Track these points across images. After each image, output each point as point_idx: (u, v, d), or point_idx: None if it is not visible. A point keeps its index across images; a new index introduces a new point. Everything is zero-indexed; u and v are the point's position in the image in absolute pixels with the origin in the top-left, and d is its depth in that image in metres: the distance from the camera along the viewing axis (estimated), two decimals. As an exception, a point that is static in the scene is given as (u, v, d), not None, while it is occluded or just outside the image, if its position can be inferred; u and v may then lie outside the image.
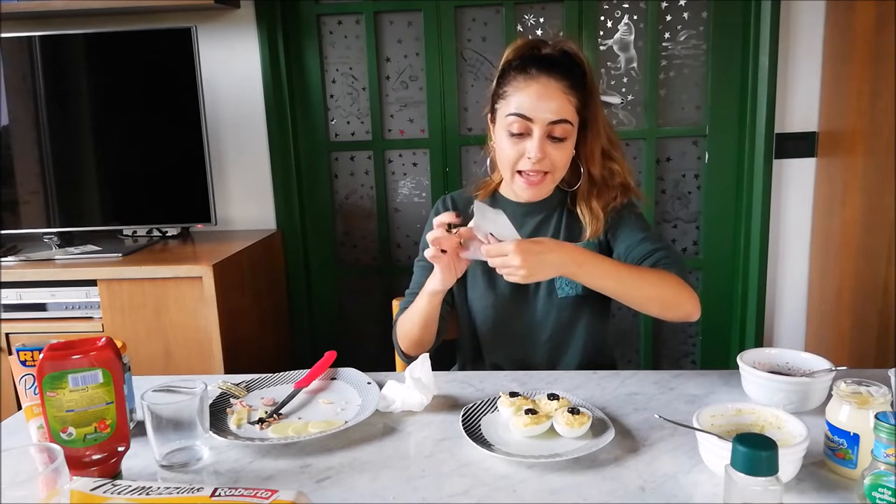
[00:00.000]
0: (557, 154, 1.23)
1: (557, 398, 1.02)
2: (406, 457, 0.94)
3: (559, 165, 1.24)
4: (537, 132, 1.20)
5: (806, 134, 2.20)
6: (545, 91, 1.20)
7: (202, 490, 0.73)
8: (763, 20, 2.14)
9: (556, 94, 1.20)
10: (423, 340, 1.31)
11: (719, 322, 2.41)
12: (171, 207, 2.17)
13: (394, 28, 2.34)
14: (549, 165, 1.23)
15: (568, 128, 1.22)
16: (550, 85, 1.20)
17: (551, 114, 1.20)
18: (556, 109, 1.20)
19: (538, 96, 1.20)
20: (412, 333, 1.30)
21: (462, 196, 1.42)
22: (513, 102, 1.22)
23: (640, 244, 1.26)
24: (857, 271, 1.93)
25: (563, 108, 1.20)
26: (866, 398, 0.85)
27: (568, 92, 1.21)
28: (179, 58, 2.04)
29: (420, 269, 1.40)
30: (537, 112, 1.20)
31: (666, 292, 1.17)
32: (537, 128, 1.20)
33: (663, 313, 1.19)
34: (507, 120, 1.22)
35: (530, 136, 1.21)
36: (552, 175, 1.25)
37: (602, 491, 0.84)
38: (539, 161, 1.21)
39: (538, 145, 1.20)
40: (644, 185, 2.33)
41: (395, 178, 2.45)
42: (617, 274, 1.15)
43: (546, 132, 1.21)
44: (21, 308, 1.96)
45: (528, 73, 1.22)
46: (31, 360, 0.96)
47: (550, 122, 1.20)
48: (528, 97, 1.21)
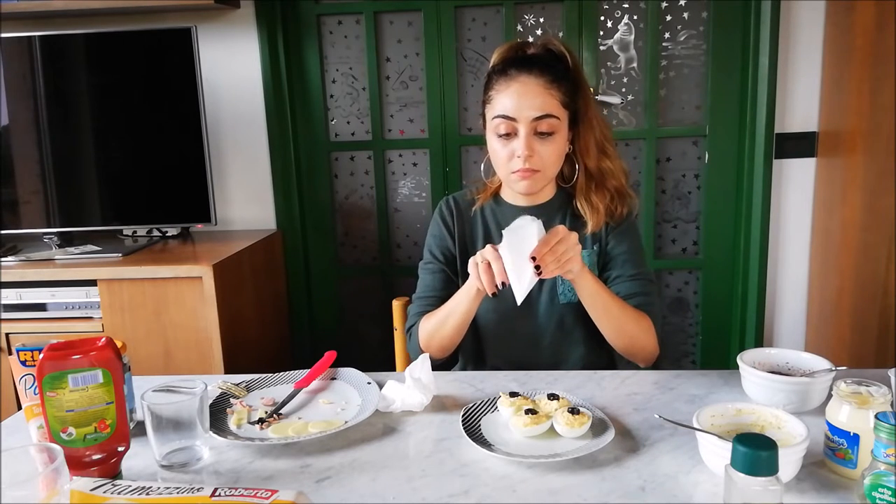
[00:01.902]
0: (546, 149, 1.24)
1: (557, 398, 1.02)
2: (406, 457, 0.94)
3: (549, 161, 1.25)
4: (522, 130, 1.22)
5: (806, 134, 2.20)
6: (524, 89, 1.22)
7: (202, 490, 0.73)
8: (763, 20, 2.14)
9: (537, 91, 1.22)
10: (456, 342, 1.30)
11: (719, 322, 2.41)
12: (171, 207, 2.17)
13: (394, 28, 2.34)
14: (538, 163, 1.24)
15: (554, 122, 1.23)
16: (530, 82, 1.22)
17: (533, 110, 1.21)
18: (538, 106, 1.22)
19: (518, 95, 1.22)
20: (450, 338, 1.27)
21: (463, 197, 1.42)
22: (497, 105, 1.24)
23: (630, 280, 1.30)
24: (856, 271, 1.93)
25: (545, 103, 1.22)
26: (866, 398, 0.85)
27: (549, 87, 1.22)
28: (179, 58, 2.04)
29: (427, 272, 1.40)
30: (520, 111, 1.22)
31: (638, 333, 1.23)
32: (522, 126, 1.22)
33: (626, 349, 1.25)
34: (494, 123, 1.25)
35: (517, 136, 1.23)
36: (543, 172, 1.26)
37: (602, 491, 0.84)
38: (528, 158, 1.23)
39: (524, 143, 1.22)
40: (644, 185, 2.33)
41: (395, 178, 2.45)
42: (607, 293, 1.20)
43: (531, 129, 1.22)
44: (21, 308, 1.96)
45: (507, 74, 1.24)
46: (31, 360, 0.96)
47: (534, 119, 1.22)
48: (509, 98, 1.23)
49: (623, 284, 1.29)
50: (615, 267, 1.32)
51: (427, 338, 1.30)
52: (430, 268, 1.39)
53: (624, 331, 1.22)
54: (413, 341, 1.34)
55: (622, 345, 1.24)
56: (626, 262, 1.31)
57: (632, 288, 1.28)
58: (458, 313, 1.24)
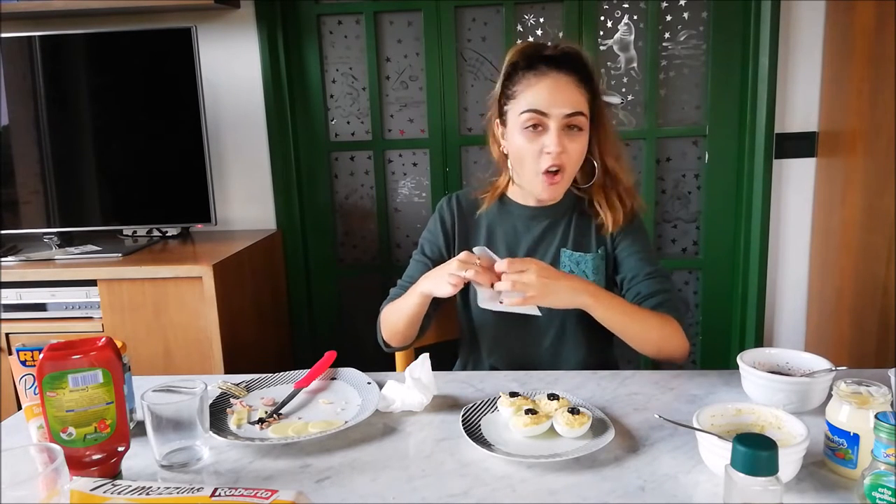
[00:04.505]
0: (574, 146, 1.23)
1: (557, 398, 1.02)
2: (406, 457, 0.94)
3: (575, 159, 1.25)
4: (553, 126, 1.21)
5: (806, 134, 2.20)
6: (557, 85, 1.21)
7: (202, 490, 0.73)
8: (763, 20, 2.14)
9: (569, 88, 1.22)
10: (407, 336, 1.32)
11: (719, 322, 2.41)
12: (171, 207, 2.17)
13: (394, 28, 2.34)
14: (566, 159, 1.23)
15: (583, 120, 1.23)
16: (561, 79, 1.22)
17: (567, 107, 1.21)
18: (571, 102, 1.21)
19: (550, 91, 1.21)
20: (396, 327, 1.30)
21: (467, 196, 1.42)
22: (524, 100, 1.23)
23: (646, 279, 1.28)
24: (856, 271, 1.93)
25: (577, 100, 1.22)
26: (866, 398, 0.85)
27: (579, 85, 1.23)
28: (179, 58, 2.04)
29: (416, 263, 1.40)
30: (552, 106, 1.21)
31: (664, 338, 1.20)
32: (553, 122, 1.21)
33: (656, 355, 1.23)
34: (522, 118, 1.23)
35: (546, 132, 1.22)
36: (566, 172, 1.25)
37: (602, 491, 0.84)
38: (558, 155, 1.22)
39: (556, 138, 1.21)
40: (644, 185, 2.33)
41: (395, 178, 2.45)
42: (624, 311, 1.18)
43: (562, 125, 1.21)
44: (21, 308, 1.95)
45: (537, 69, 1.23)
46: (31, 360, 0.96)
47: (567, 115, 1.21)
48: (540, 92, 1.21)
49: (643, 283, 1.27)
50: (630, 267, 1.30)
51: (384, 323, 1.34)
52: (418, 258, 1.41)
53: (650, 339, 1.20)
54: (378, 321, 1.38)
55: (651, 351, 1.22)
56: (641, 260, 1.30)
57: (652, 286, 1.27)
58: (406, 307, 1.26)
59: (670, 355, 1.22)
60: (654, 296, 1.26)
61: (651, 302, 1.25)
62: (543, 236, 1.33)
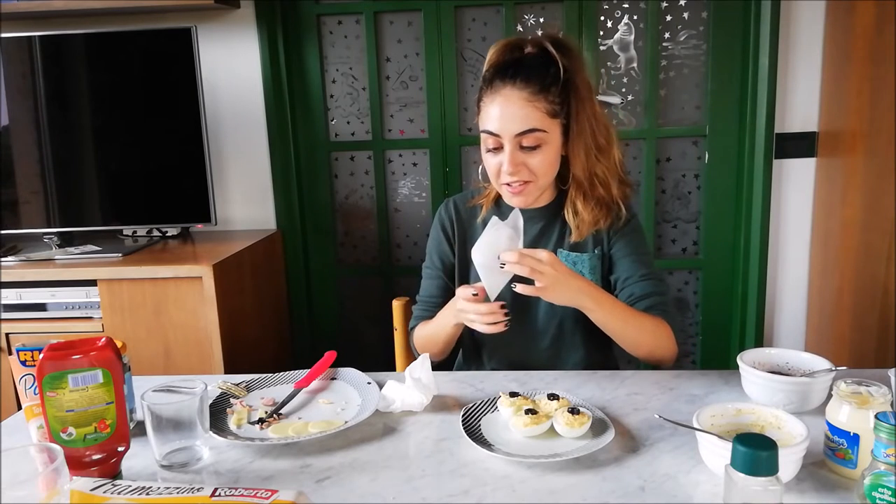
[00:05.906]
0: (534, 161, 1.21)
1: (557, 398, 1.02)
2: (406, 457, 0.94)
3: (540, 172, 1.23)
4: (507, 146, 1.19)
5: (806, 134, 2.20)
6: (506, 103, 1.18)
7: (202, 490, 0.73)
8: (763, 20, 2.14)
9: (520, 104, 1.18)
10: (445, 353, 1.35)
11: (719, 322, 2.41)
12: (171, 207, 2.17)
13: (394, 28, 2.34)
14: (528, 174, 1.22)
15: (539, 135, 1.19)
16: (513, 95, 1.18)
17: (516, 126, 1.18)
18: (520, 120, 1.18)
19: (501, 110, 1.19)
20: (435, 349, 1.32)
21: (465, 201, 1.42)
22: (483, 119, 1.23)
23: (640, 281, 1.28)
24: (857, 271, 1.93)
25: (528, 117, 1.18)
26: (866, 398, 0.85)
27: (533, 98, 1.18)
28: (179, 58, 2.04)
29: (427, 277, 1.41)
30: (503, 127, 1.19)
31: (656, 343, 1.21)
32: (506, 142, 1.19)
33: (646, 358, 1.24)
34: (482, 137, 1.23)
35: (502, 150, 1.21)
36: (535, 183, 1.24)
37: (602, 491, 0.84)
38: (515, 173, 1.21)
39: (509, 159, 1.19)
40: (644, 185, 2.33)
41: (395, 178, 2.45)
42: (622, 316, 1.18)
43: (516, 144, 1.19)
44: (21, 308, 1.95)
45: (493, 85, 1.21)
46: (31, 360, 0.96)
47: (517, 135, 1.19)
48: (493, 112, 1.20)
49: (637, 285, 1.27)
50: (625, 268, 1.29)
51: (420, 347, 1.37)
52: (429, 273, 1.41)
53: (642, 342, 1.20)
54: (411, 340, 1.41)
55: (643, 354, 1.22)
56: (635, 262, 1.29)
57: (646, 288, 1.26)
58: (442, 337, 1.29)
59: (660, 358, 1.23)
60: (647, 297, 1.26)
61: (644, 304, 1.25)
62: (540, 237, 1.33)
